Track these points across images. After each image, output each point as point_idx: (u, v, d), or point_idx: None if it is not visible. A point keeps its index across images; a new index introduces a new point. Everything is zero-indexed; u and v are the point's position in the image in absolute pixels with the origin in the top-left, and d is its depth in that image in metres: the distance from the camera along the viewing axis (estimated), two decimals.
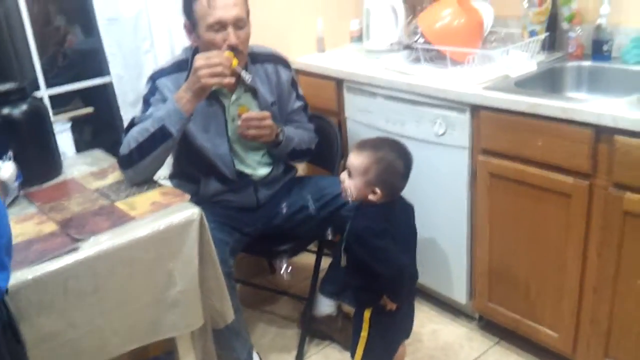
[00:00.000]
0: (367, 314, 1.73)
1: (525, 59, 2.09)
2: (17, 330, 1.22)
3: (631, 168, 1.58)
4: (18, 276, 1.32)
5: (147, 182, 1.77)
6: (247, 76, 1.86)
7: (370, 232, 1.63)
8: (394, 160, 1.64)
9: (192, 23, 1.85)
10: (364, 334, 1.74)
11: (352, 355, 1.79)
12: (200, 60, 1.71)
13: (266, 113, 1.92)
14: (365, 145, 1.69)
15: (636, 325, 1.72)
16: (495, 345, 2.19)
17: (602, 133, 1.63)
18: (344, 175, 1.70)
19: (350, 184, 1.67)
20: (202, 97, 1.78)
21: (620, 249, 1.68)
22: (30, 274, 1.33)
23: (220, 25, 1.79)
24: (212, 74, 1.70)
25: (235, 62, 1.76)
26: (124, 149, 1.77)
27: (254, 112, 1.92)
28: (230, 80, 1.76)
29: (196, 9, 1.81)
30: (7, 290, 1.13)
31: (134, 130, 1.78)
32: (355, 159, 1.66)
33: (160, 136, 1.74)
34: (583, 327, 1.85)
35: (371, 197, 1.64)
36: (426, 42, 2.15)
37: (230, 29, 1.80)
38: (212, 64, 1.70)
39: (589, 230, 1.74)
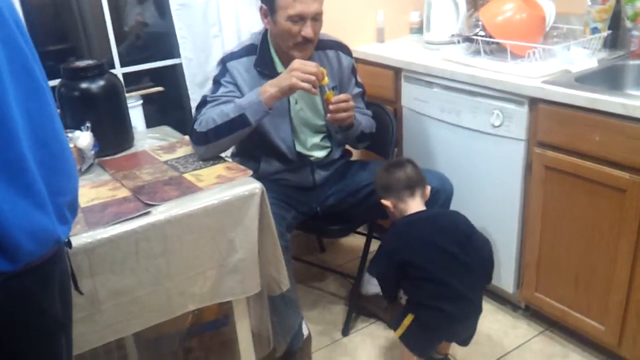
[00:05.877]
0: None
1: (586, 56, 2.08)
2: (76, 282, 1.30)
3: None
4: (94, 235, 1.41)
5: (214, 158, 1.87)
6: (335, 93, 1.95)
7: (382, 246, 1.93)
8: (378, 172, 1.93)
9: (269, 8, 1.92)
10: (406, 320, 1.81)
11: (394, 329, 1.86)
12: (297, 63, 1.80)
13: (349, 95, 1.97)
14: None
15: None
16: (540, 334, 2.20)
17: None
18: None
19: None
20: (286, 95, 1.86)
21: None
22: (105, 233, 1.42)
23: (300, 18, 1.87)
24: (304, 79, 1.77)
25: (325, 80, 1.84)
26: (201, 127, 1.85)
27: (341, 95, 1.96)
28: (316, 92, 1.83)
29: None
30: (68, 243, 1.20)
31: (214, 112, 1.87)
32: None
33: (238, 123, 1.83)
34: (630, 322, 1.85)
35: (391, 210, 1.87)
36: (487, 35, 2.18)
37: (308, 22, 1.88)
38: (307, 71, 1.78)
39: None
